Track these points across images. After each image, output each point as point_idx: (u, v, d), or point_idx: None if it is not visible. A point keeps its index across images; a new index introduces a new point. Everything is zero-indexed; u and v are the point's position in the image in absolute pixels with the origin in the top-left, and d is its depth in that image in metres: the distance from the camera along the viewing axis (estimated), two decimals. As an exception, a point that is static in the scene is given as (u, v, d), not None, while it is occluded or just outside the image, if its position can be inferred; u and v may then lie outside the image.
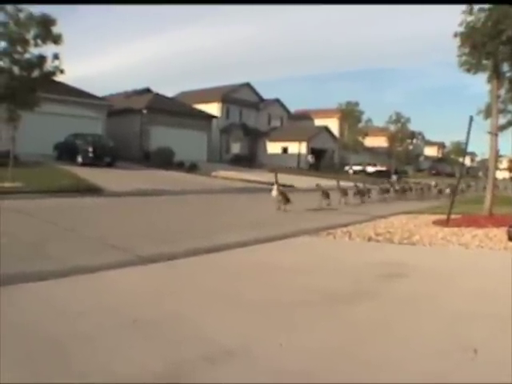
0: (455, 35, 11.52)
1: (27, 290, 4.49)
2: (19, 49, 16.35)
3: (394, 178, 41.44)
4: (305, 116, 58.60)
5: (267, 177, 25.47)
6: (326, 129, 51.39)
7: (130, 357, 3.02)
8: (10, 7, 15.90)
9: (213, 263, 6.32)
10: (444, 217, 11.11)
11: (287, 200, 12.05)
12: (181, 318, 3.87)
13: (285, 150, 48.14)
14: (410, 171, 57.88)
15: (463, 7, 11.23)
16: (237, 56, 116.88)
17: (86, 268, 5.35)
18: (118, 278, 5.21)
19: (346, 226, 10.35)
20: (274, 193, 11.93)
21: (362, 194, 17.81)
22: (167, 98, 41.81)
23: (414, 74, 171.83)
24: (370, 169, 49.39)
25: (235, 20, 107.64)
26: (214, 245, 7.26)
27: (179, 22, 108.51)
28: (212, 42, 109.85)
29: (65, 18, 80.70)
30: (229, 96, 47.74)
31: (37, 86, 17.03)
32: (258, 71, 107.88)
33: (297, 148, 46.86)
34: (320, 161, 47.69)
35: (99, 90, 43.49)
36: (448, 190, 24.28)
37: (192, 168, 29.28)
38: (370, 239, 8.60)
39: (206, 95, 47.11)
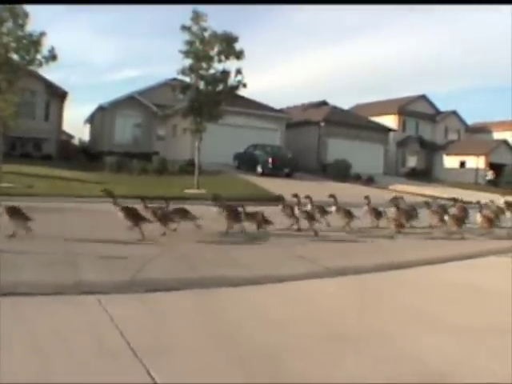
0: None
1: (225, 294, 4.76)
2: (204, 65, 17.53)
3: None
4: (483, 129, 54.29)
5: (448, 192, 23.83)
6: (506, 142, 46.95)
7: (346, 369, 3.02)
8: (195, 27, 17.08)
9: (402, 280, 5.99)
10: None
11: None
12: (383, 335, 3.75)
13: (462, 164, 45.05)
14: None
15: None
16: (412, 67, 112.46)
17: (274, 277, 5.40)
18: (309, 289, 5.17)
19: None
20: None
21: None
22: (343, 110, 41.69)
23: None
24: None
25: (408, 29, 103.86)
26: (399, 261, 6.88)
27: (351, 33, 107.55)
28: (386, 52, 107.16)
29: (249, 33, 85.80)
30: (405, 108, 46.17)
31: (221, 100, 18.02)
32: (434, 83, 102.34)
33: (474, 162, 43.50)
34: (500, 176, 43.62)
35: (275, 103, 44.70)
36: None
37: (369, 181, 28.63)
38: None
39: (382, 107, 46.17)
